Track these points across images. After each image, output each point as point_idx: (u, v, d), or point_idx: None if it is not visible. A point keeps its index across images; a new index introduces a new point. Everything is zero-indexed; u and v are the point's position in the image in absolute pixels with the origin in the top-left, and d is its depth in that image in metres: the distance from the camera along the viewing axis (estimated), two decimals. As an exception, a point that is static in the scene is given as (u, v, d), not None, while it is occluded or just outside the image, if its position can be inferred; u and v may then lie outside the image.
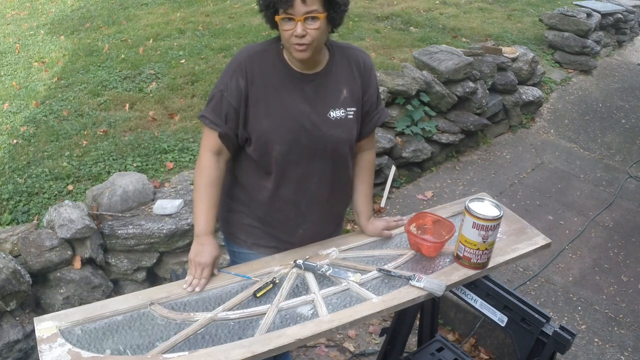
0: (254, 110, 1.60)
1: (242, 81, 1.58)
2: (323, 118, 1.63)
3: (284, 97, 1.60)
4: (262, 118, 1.59)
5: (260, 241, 1.78)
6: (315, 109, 1.62)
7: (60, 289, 2.49)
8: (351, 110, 1.67)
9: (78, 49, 4.98)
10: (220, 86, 1.61)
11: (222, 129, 1.61)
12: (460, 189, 3.89)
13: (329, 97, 1.64)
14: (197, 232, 1.63)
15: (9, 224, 2.71)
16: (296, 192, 1.69)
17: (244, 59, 1.60)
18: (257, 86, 1.59)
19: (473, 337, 2.74)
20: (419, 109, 3.96)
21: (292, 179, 1.67)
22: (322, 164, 1.67)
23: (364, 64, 1.70)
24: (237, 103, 1.59)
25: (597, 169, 4.33)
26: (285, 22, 1.48)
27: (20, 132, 3.56)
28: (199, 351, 1.35)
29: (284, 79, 1.60)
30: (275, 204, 1.71)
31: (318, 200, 1.73)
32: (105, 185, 2.78)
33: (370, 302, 1.52)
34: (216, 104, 1.61)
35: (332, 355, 2.63)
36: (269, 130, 1.59)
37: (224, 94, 1.60)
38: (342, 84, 1.66)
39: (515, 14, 6.62)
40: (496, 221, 1.57)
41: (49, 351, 1.31)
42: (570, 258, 3.31)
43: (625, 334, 2.78)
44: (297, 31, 1.47)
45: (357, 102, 1.69)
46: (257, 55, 1.61)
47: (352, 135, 1.70)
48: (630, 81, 6.03)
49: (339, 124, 1.65)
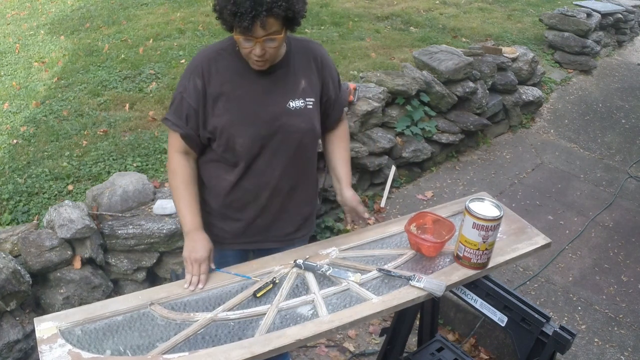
0: (213, 108, 1.63)
1: (199, 81, 1.62)
2: (282, 109, 1.65)
3: (242, 91, 1.63)
4: (222, 114, 1.63)
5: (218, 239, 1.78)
6: (274, 101, 1.65)
7: (60, 289, 2.49)
8: (310, 101, 1.70)
9: (78, 49, 4.98)
10: (179, 89, 1.66)
11: (183, 130, 1.66)
12: (460, 189, 3.89)
13: (287, 88, 1.66)
14: (187, 229, 1.65)
15: (9, 224, 2.71)
16: (258, 183, 1.72)
17: (200, 61, 1.64)
18: (214, 84, 1.62)
19: (473, 337, 2.74)
20: (419, 109, 3.96)
21: (255, 170, 1.70)
22: (284, 156, 1.70)
23: (321, 56, 1.74)
24: (196, 104, 1.63)
25: (597, 169, 4.33)
26: (244, 41, 1.51)
27: (20, 132, 3.56)
28: (199, 352, 1.35)
29: (242, 74, 1.63)
30: (234, 194, 1.73)
31: (279, 192, 1.75)
32: (105, 185, 2.78)
33: (370, 302, 1.52)
34: (177, 106, 1.66)
35: (332, 355, 2.63)
36: (229, 125, 1.63)
37: (183, 96, 1.64)
38: (300, 75, 1.68)
39: (515, 14, 6.62)
40: (496, 221, 1.57)
41: (49, 352, 1.31)
42: (570, 258, 3.31)
43: (625, 334, 2.78)
44: (256, 52, 1.52)
45: (316, 92, 1.72)
46: (214, 54, 1.64)
47: (313, 125, 1.72)
48: (630, 81, 6.03)
49: (298, 114, 1.67)
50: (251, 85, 1.63)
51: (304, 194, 1.83)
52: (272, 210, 1.77)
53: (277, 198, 1.76)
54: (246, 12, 1.42)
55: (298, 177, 1.77)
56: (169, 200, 2.75)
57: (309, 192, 1.86)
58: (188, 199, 1.67)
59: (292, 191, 1.78)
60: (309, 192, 1.86)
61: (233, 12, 1.44)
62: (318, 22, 5.62)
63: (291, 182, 1.76)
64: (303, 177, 1.80)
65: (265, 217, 1.78)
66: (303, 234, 1.90)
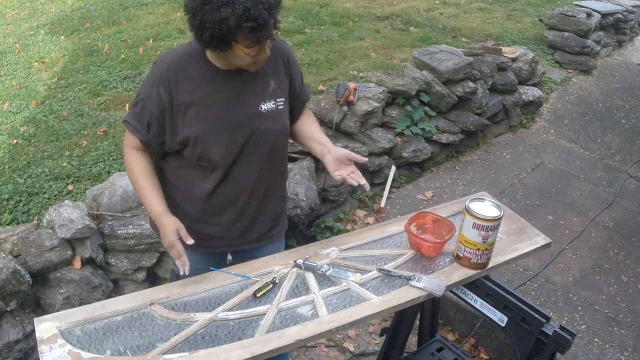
0: (182, 118, 1.59)
1: (164, 92, 1.57)
2: (255, 112, 1.64)
3: (213, 98, 1.60)
4: (194, 124, 1.59)
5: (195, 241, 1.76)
6: (246, 105, 1.63)
7: (60, 289, 2.49)
8: (281, 101, 1.69)
9: (78, 49, 4.98)
10: (142, 94, 1.61)
11: (144, 136, 1.64)
12: (460, 189, 3.89)
13: (257, 90, 1.65)
14: (154, 216, 1.65)
15: (9, 224, 2.71)
16: (235, 188, 1.71)
17: (165, 69, 1.59)
18: (183, 93, 1.58)
19: (473, 337, 2.74)
20: (419, 109, 3.96)
21: (232, 176, 1.68)
22: (260, 158, 1.69)
23: (287, 53, 1.72)
24: (158, 112, 1.59)
25: (597, 169, 4.33)
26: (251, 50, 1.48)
27: (20, 132, 3.56)
28: (199, 352, 1.35)
29: (210, 80, 1.59)
30: (212, 200, 1.72)
31: (256, 194, 1.74)
32: (105, 185, 2.78)
33: (370, 302, 1.52)
34: (139, 111, 1.62)
35: (332, 355, 2.63)
36: (203, 135, 1.60)
37: (145, 103, 1.60)
38: (269, 76, 1.67)
39: (515, 14, 6.61)
40: (496, 221, 1.57)
41: (49, 352, 1.31)
42: (570, 258, 3.31)
43: (625, 334, 2.78)
44: (264, 55, 1.52)
45: (285, 91, 1.71)
46: (179, 61, 1.59)
47: (285, 125, 1.72)
48: (630, 81, 6.03)
49: (271, 116, 1.66)
50: (221, 91, 1.60)
51: (278, 193, 1.84)
52: (249, 212, 1.76)
53: (254, 200, 1.75)
54: (266, 21, 1.41)
55: (272, 177, 1.77)
56: (169, 200, 2.75)
57: (281, 190, 1.87)
58: (149, 188, 1.66)
59: (268, 191, 1.77)
60: (281, 190, 1.87)
61: (252, 27, 1.41)
62: (318, 22, 5.62)
63: (266, 182, 1.75)
64: (277, 177, 1.80)
65: (244, 220, 1.77)
66: (278, 231, 1.90)
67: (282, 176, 1.85)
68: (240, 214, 1.75)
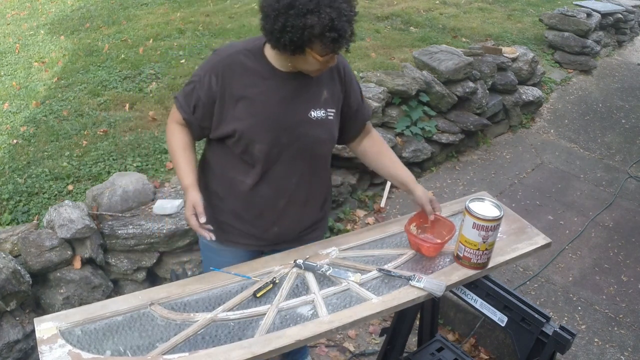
0: (232, 110, 1.62)
1: (215, 81, 1.60)
2: (304, 118, 1.64)
3: (265, 96, 1.61)
4: (243, 118, 1.61)
5: (232, 237, 1.80)
6: (297, 109, 1.64)
7: (60, 289, 2.49)
8: (331, 111, 1.69)
9: (78, 49, 4.98)
10: (195, 76, 1.65)
11: (188, 116, 1.68)
12: (460, 189, 3.89)
13: (310, 97, 1.65)
14: (183, 187, 1.69)
15: (9, 224, 2.71)
16: (275, 190, 1.71)
17: (223, 58, 1.62)
18: (236, 86, 1.60)
19: (473, 337, 2.74)
20: (417, 108, 3.96)
21: (272, 176, 1.69)
22: (302, 164, 1.69)
23: (344, 67, 1.74)
24: (205, 99, 1.63)
25: (597, 169, 4.33)
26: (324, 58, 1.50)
27: (20, 132, 3.56)
28: (199, 352, 1.35)
29: (266, 79, 1.61)
30: (253, 199, 1.72)
31: (296, 200, 1.75)
32: (105, 185, 2.78)
33: (370, 302, 1.52)
34: (189, 92, 1.66)
35: (332, 355, 2.63)
36: (250, 129, 1.61)
37: (196, 86, 1.64)
38: (323, 85, 1.67)
39: (515, 14, 6.61)
40: (496, 221, 1.57)
41: (50, 352, 1.31)
42: (570, 258, 3.31)
43: (625, 334, 2.78)
44: (332, 63, 1.55)
45: (337, 103, 1.72)
46: (239, 55, 1.62)
47: (332, 135, 1.73)
48: (630, 81, 6.03)
49: (319, 124, 1.67)
50: (275, 91, 1.62)
51: (318, 201, 1.84)
52: (288, 217, 1.77)
53: (293, 206, 1.75)
54: (346, 32, 1.44)
55: (313, 184, 1.77)
56: (169, 200, 2.75)
57: (322, 198, 1.85)
58: (184, 161, 1.69)
59: (308, 199, 1.78)
60: (322, 199, 1.85)
61: (334, 38, 1.43)
62: (318, 22, 5.61)
63: (307, 190, 1.75)
64: (318, 185, 1.80)
65: (282, 225, 1.78)
66: (316, 236, 1.90)
67: (323, 185, 1.84)
68: (278, 218, 1.75)
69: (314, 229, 1.88)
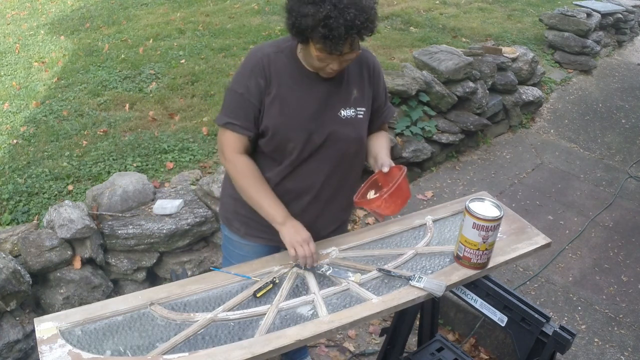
0: (269, 108, 1.62)
1: (262, 80, 1.60)
2: (334, 117, 1.65)
3: (298, 96, 1.62)
4: (277, 116, 1.62)
5: (253, 232, 1.81)
6: (327, 108, 1.65)
7: (60, 289, 2.49)
8: (361, 110, 1.70)
9: (78, 49, 4.98)
10: (239, 89, 1.61)
11: (251, 132, 1.64)
12: (460, 189, 3.89)
13: (340, 96, 1.66)
14: (280, 220, 1.65)
15: (9, 224, 2.71)
16: (301, 186, 1.72)
17: (260, 58, 1.61)
18: (273, 85, 1.61)
19: (473, 337, 2.74)
20: (417, 108, 3.96)
21: (300, 173, 1.69)
22: (329, 161, 1.69)
23: (374, 65, 1.73)
24: (258, 103, 1.61)
25: (597, 169, 4.33)
26: (325, 57, 1.50)
27: (20, 132, 3.56)
28: (199, 352, 1.35)
29: (298, 79, 1.62)
30: (276, 192, 1.71)
31: (320, 197, 1.75)
32: (105, 185, 2.78)
33: (370, 302, 1.52)
34: (239, 107, 1.62)
35: (332, 355, 2.63)
36: (283, 127, 1.62)
37: (244, 96, 1.61)
38: (353, 84, 1.68)
39: (515, 14, 6.61)
40: (496, 221, 1.56)
41: (50, 352, 1.31)
42: (570, 258, 3.31)
43: (625, 334, 2.78)
44: (334, 67, 1.53)
45: (367, 102, 1.72)
46: (272, 55, 1.62)
47: (361, 135, 1.73)
48: (630, 81, 6.03)
49: (349, 123, 1.67)
50: (307, 90, 1.62)
51: (343, 201, 1.82)
52: (311, 214, 1.76)
53: (317, 203, 1.75)
54: (340, 36, 1.41)
55: (340, 184, 1.76)
56: (169, 200, 2.75)
57: (348, 199, 1.82)
58: (270, 195, 1.67)
59: (334, 197, 1.77)
60: (348, 199, 1.83)
61: (325, 35, 1.42)
62: (318, 22, 5.62)
63: (333, 188, 1.75)
64: (345, 184, 1.78)
65: (304, 221, 1.74)
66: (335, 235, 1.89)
67: (351, 185, 1.81)
68: (300, 214, 1.74)
69: (334, 230, 1.87)
